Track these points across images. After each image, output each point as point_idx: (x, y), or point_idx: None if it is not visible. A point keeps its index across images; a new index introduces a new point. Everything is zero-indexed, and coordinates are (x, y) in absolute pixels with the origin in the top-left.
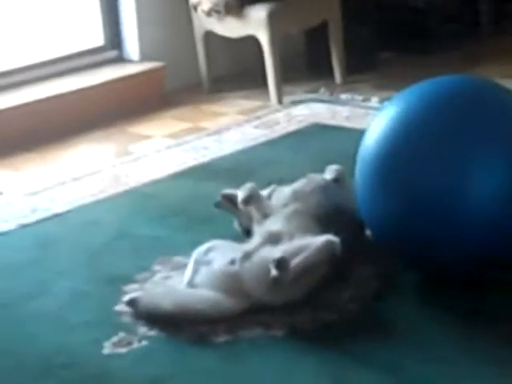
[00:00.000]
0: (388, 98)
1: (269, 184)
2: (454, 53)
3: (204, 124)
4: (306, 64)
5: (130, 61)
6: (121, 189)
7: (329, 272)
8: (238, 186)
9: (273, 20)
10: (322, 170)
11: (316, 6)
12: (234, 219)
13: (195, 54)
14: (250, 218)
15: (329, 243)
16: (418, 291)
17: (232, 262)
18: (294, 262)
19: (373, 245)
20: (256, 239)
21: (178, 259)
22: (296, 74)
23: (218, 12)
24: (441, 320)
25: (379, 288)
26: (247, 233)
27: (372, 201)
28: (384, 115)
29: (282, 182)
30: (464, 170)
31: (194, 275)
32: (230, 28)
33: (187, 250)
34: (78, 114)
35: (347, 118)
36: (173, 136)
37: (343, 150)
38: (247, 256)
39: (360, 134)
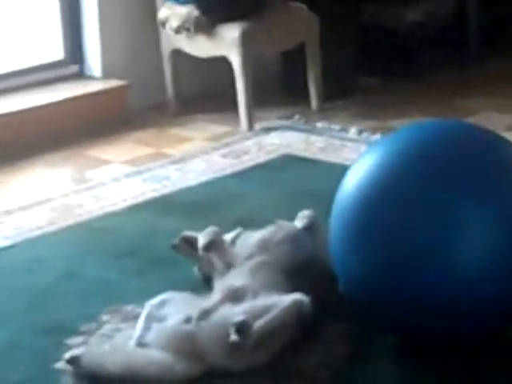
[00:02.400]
0: (367, 130)
1: (234, 225)
2: (440, 78)
3: (167, 150)
4: (280, 88)
5: (91, 77)
6: (72, 221)
7: (296, 334)
8: (200, 222)
9: (246, 40)
10: (293, 209)
11: (293, 26)
12: (194, 264)
13: (162, 73)
14: (211, 265)
15: (297, 303)
16: (395, 356)
17: (187, 320)
18: (257, 324)
19: (346, 301)
20: (216, 295)
21: (129, 308)
22: (269, 98)
23: (187, 30)
24: None
25: (351, 351)
26: (208, 280)
27: (346, 255)
28: (364, 161)
29: (249, 221)
30: (451, 226)
31: (145, 332)
32: (200, 47)
33: (140, 297)
34: (32, 133)
35: (322, 150)
36: (133, 162)
37: (317, 186)
38: (205, 314)
39: (335, 168)
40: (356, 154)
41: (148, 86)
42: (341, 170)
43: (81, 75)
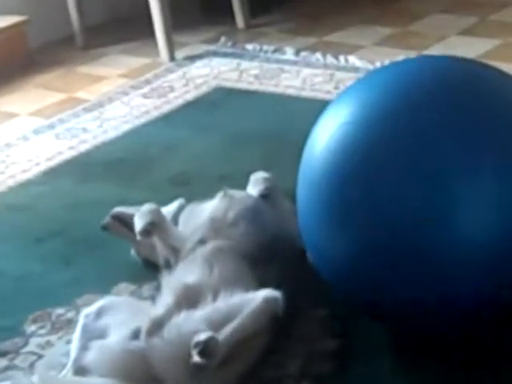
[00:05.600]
0: (305, 48)
1: (169, 185)
2: None
3: (80, 94)
4: (200, 6)
5: None
6: None
7: (270, 337)
8: (130, 186)
9: None
10: (234, 158)
11: None
12: (131, 245)
13: (64, 1)
14: (151, 247)
15: (269, 302)
16: (390, 350)
17: (135, 335)
18: (223, 336)
19: (322, 283)
20: (166, 297)
21: (59, 312)
22: (189, 19)
23: None
24: None
25: (339, 346)
26: (148, 263)
27: (320, 232)
28: (335, 114)
29: (185, 178)
30: (447, 189)
31: (83, 353)
32: None
33: (71, 293)
34: None
35: (257, 78)
36: (42, 113)
37: (258, 125)
38: (157, 326)
39: (275, 99)
40: (296, 80)
41: (50, 17)
42: (281, 101)
43: None
